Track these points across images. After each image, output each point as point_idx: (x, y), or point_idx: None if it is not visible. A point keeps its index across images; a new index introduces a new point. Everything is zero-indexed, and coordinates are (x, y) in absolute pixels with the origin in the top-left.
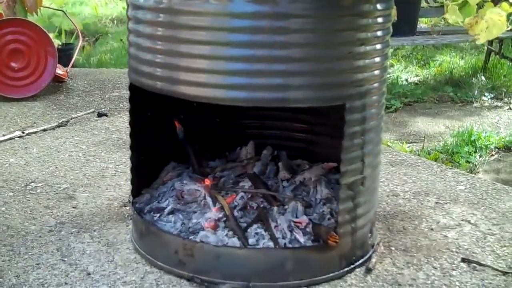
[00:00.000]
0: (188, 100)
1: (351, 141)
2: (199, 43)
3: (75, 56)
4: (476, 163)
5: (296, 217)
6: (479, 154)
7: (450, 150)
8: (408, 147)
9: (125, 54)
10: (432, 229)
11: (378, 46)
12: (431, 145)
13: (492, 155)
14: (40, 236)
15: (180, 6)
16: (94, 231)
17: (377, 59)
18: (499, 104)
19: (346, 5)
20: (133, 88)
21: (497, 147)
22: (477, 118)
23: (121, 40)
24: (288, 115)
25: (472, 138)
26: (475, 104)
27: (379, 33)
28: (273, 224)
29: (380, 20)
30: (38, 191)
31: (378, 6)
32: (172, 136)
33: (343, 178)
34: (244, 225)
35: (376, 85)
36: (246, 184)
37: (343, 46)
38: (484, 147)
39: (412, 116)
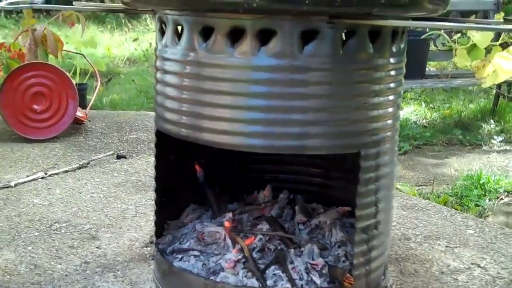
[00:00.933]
0: (210, 146)
1: (365, 187)
2: (222, 93)
3: (94, 97)
4: (486, 207)
5: (313, 259)
6: (488, 197)
7: (459, 193)
8: (418, 189)
9: (137, 94)
10: (442, 272)
11: (391, 97)
12: (441, 188)
13: (502, 198)
14: (66, 275)
15: (206, 59)
16: (118, 270)
17: (390, 109)
18: (508, 147)
19: (361, 59)
20: (159, 134)
21: (506, 191)
22: (486, 161)
23: (133, 80)
24: (304, 160)
25: (481, 182)
26: (484, 148)
27: (392, 85)
28: (290, 266)
29: (393, 73)
30: (63, 231)
31: (391, 60)
32: (193, 180)
33: (358, 222)
34: (262, 266)
35: (389, 133)
36: (264, 226)
37: (359, 97)
38: (493, 190)
39: (421, 159)
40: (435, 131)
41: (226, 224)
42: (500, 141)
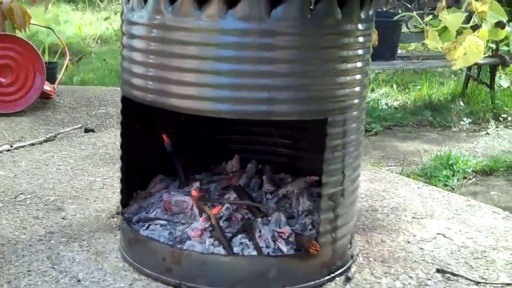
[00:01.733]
0: (178, 112)
1: (332, 154)
2: (189, 57)
3: (62, 72)
4: (454, 187)
5: (279, 227)
6: (456, 177)
7: (428, 173)
8: (387, 170)
9: (108, 73)
10: (409, 242)
11: (359, 64)
12: (410, 169)
13: (470, 178)
14: (30, 245)
15: (172, 22)
16: (83, 240)
17: (358, 76)
18: (477, 129)
19: (329, 24)
20: (125, 100)
21: (474, 171)
22: (455, 142)
23: (104, 59)
24: (272, 131)
25: (450, 162)
26: (453, 129)
27: (360, 51)
28: (257, 234)
29: (361, 39)
30: (28, 202)
31: (360, 26)
32: (160, 150)
33: (324, 189)
34: (229, 235)
35: (356, 101)
36: (232, 196)
37: (327, 63)
38: (461, 170)
39: (391, 140)
40: (406, 112)
41: (194, 193)
42: (469, 123)
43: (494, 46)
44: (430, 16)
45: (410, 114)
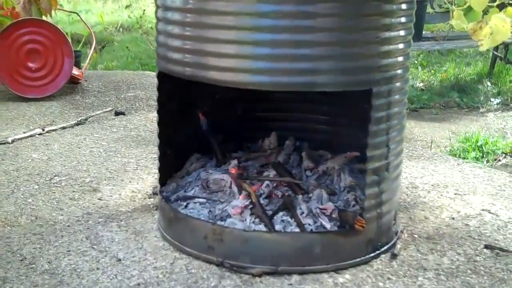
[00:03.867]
0: (216, 85)
1: (377, 126)
2: (227, 28)
3: (89, 57)
4: (481, 166)
5: (321, 204)
6: (486, 159)
7: (457, 155)
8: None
9: (131, 61)
10: (453, 218)
11: (402, 33)
12: (438, 151)
13: (499, 160)
14: (68, 226)
15: None
16: (121, 220)
17: (401, 46)
18: (505, 109)
19: None
20: (161, 76)
21: (504, 152)
22: (483, 123)
23: (127, 47)
24: (308, 107)
25: (479, 144)
26: (481, 110)
27: (403, 19)
28: (299, 211)
29: (404, 6)
30: (63, 184)
31: None
32: (196, 129)
33: (369, 163)
34: (270, 212)
35: (400, 71)
36: (271, 173)
37: (370, 31)
38: (491, 152)
39: (418, 122)
40: (432, 94)
41: (232, 170)
42: (497, 103)
43: None
44: None
45: (436, 95)
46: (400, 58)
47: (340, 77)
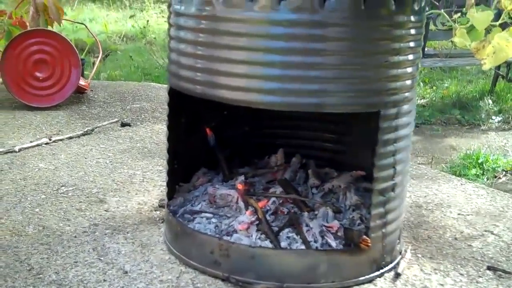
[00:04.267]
0: (227, 104)
1: (384, 148)
2: (239, 48)
3: (95, 66)
4: (484, 186)
5: (327, 222)
6: (486, 176)
7: (457, 172)
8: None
9: (134, 70)
10: (456, 239)
11: (411, 57)
12: (439, 167)
13: (500, 177)
14: (75, 236)
15: (222, 13)
16: (128, 232)
17: (409, 69)
18: (507, 127)
19: (383, 16)
20: (172, 93)
21: (504, 170)
22: (484, 141)
23: (130, 56)
24: (315, 125)
25: (480, 161)
26: (482, 127)
27: (411, 44)
28: (304, 229)
29: (413, 31)
30: (70, 194)
31: (412, 18)
32: (204, 143)
33: (375, 183)
34: (276, 229)
35: (407, 94)
36: (277, 189)
37: (379, 54)
38: (491, 169)
39: (420, 138)
40: (433, 110)
41: (239, 186)
42: (499, 121)
43: None
44: (458, 14)
45: (437, 112)
46: (408, 82)
47: (349, 99)
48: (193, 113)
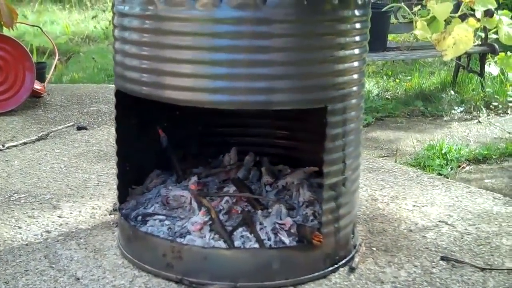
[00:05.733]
0: (174, 104)
1: (333, 143)
2: (184, 48)
3: (52, 70)
4: (448, 175)
5: (280, 219)
6: (450, 166)
7: (422, 163)
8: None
9: (97, 72)
10: (411, 230)
11: (357, 51)
12: (403, 159)
13: (463, 167)
14: (26, 244)
15: (165, 12)
16: (80, 238)
17: (356, 63)
18: (468, 117)
19: (326, 11)
20: (119, 95)
21: (467, 160)
22: (447, 131)
23: (93, 58)
24: (268, 122)
25: (443, 151)
26: (445, 118)
27: (357, 38)
28: (258, 227)
29: (358, 26)
30: (22, 201)
31: (356, 12)
32: (156, 145)
33: (326, 179)
34: (230, 228)
35: (355, 88)
36: (231, 188)
37: (325, 50)
38: (455, 159)
39: (384, 131)
40: (397, 103)
41: (192, 187)
42: (461, 111)
43: (483, 34)
44: (419, 6)
45: (401, 104)
46: (356, 76)
47: (296, 96)
48: (144, 114)
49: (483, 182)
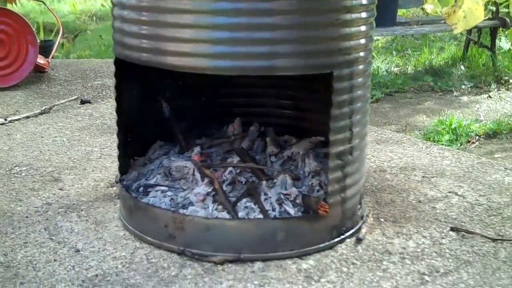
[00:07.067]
0: (174, 71)
1: (339, 110)
2: (184, 12)
3: (56, 45)
4: (449, 148)
5: (285, 190)
6: (460, 141)
7: (431, 138)
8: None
9: (104, 50)
10: (420, 201)
11: (364, 15)
12: (413, 134)
13: (473, 142)
14: (26, 217)
15: None
16: (82, 210)
17: (363, 28)
18: (479, 92)
19: None
20: (118, 62)
21: (477, 135)
22: (457, 106)
23: (100, 36)
24: (273, 92)
25: (453, 126)
26: (455, 93)
27: (364, 1)
28: (262, 197)
29: None
30: (23, 174)
31: None
32: (159, 115)
33: (332, 147)
34: (233, 199)
35: (362, 54)
36: (234, 159)
37: (330, 13)
38: (464, 134)
39: (393, 106)
40: (406, 78)
41: (195, 157)
42: (471, 87)
43: (494, 8)
44: None
45: (410, 79)
46: (363, 40)
47: (300, 61)
48: (146, 84)
49: (493, 157)
